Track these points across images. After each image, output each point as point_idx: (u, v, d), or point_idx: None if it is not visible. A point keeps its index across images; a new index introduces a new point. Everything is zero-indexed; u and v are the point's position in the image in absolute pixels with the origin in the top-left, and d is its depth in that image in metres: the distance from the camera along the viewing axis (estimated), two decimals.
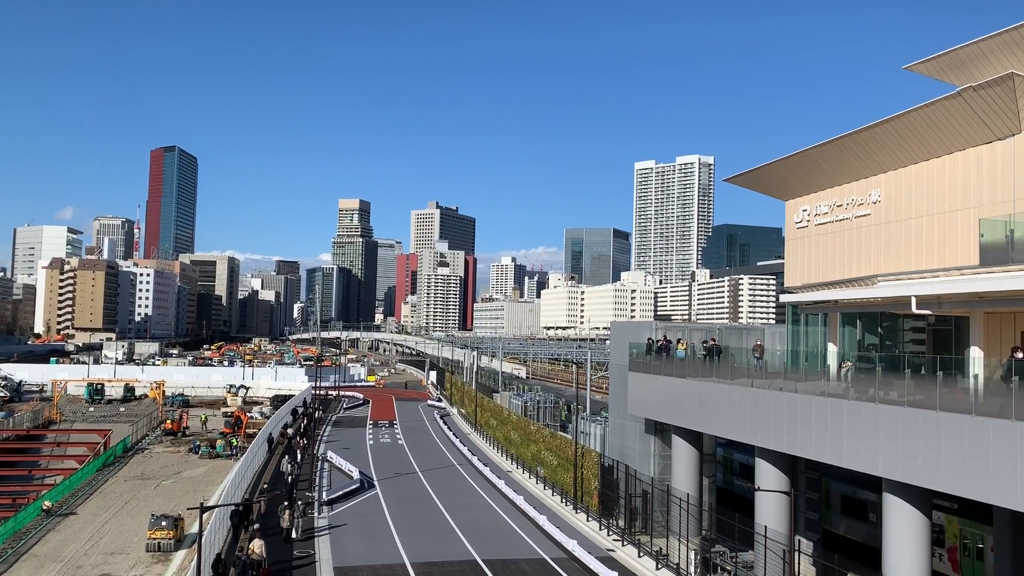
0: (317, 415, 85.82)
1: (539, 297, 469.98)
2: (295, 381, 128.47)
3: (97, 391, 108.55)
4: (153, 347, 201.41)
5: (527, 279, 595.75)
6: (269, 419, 78.32)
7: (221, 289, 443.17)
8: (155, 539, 39.55)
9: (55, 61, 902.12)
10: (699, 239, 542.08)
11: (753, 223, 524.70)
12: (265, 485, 51.56)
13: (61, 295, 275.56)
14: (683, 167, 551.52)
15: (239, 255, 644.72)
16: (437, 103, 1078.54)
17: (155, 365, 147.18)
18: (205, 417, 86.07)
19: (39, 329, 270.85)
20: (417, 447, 70.24)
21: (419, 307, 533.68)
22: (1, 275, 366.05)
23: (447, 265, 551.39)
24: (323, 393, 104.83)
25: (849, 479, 35.37)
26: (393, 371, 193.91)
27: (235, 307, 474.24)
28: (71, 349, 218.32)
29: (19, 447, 72.50)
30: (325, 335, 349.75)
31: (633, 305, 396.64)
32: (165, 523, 39.91)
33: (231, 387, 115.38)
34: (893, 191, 28.71)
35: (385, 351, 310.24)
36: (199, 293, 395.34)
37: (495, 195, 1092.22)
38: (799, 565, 27.41)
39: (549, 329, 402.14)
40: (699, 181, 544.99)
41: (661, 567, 33.85)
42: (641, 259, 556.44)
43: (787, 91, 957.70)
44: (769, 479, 29.64)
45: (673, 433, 36.93)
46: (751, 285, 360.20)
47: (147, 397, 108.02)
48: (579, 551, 35.85)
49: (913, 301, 25.18)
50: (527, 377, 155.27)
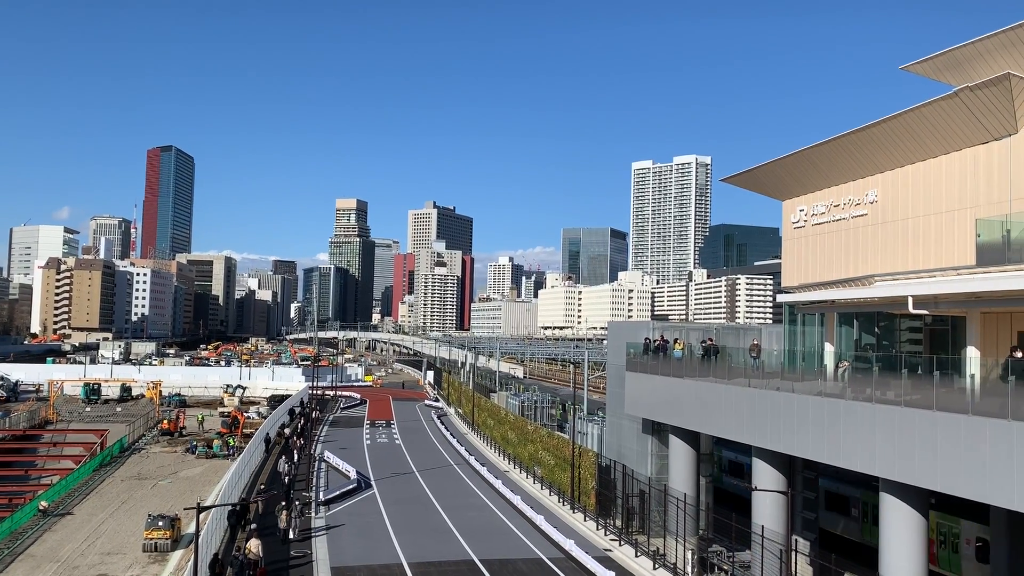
0: (314, 415, 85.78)
1: (536, 297, 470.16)
2: (292, 381, 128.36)
3: (94, 391, 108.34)
4: (150, 347, 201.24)
5: (524, 279, 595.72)
6: (266, 419, 78.24)
7: (218, 289, 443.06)
8: (152, 539, 39.49)
9: (52, 61, 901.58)
10: (696, 239, 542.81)
11: (750, 223, 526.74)
12: (262, 485, 51.50)
13: (57, 295, 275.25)
14: (680, 167, 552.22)
15: (236, 255, 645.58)
16: (434, 103, 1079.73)
17: (152, 365, 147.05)
18: (202, 417, 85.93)
19: (35, 329, 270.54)
20: (414, 447, 70.20)
21: (416, 307, 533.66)
22: None
23: (444, 265, 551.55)
24: (320, 393, 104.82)
25: (833, 475, 35.13)
26: (390, 371, 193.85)
27: (232, 307, 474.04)
28: (67, 349, 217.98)
29: (15, 447, 72.32)
30: (322, 335, 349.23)
31: (630, 305, 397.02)
32: (162, 523, 39.84)
33: (228, 387, 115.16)
34: (890, 191, 28.77)
35: (382, 351, 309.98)
36: (196, 293, 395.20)
37: (492, 195, 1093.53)
38: (796, 565, 27.43)
39: (546, 329, 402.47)
40: (696, 181, 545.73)
41: (658, 567, 33.85)
42: (638, 259, 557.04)
43: (784, 91, 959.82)
44: (766, 479, 29.69)
45: (670, 433, 36.98)
46: (748, 285, 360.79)
47: (144, 397, 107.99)
48: (576, 551, 35.85)
49: (910, 301, 25.22)
50: (524, 377, 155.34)
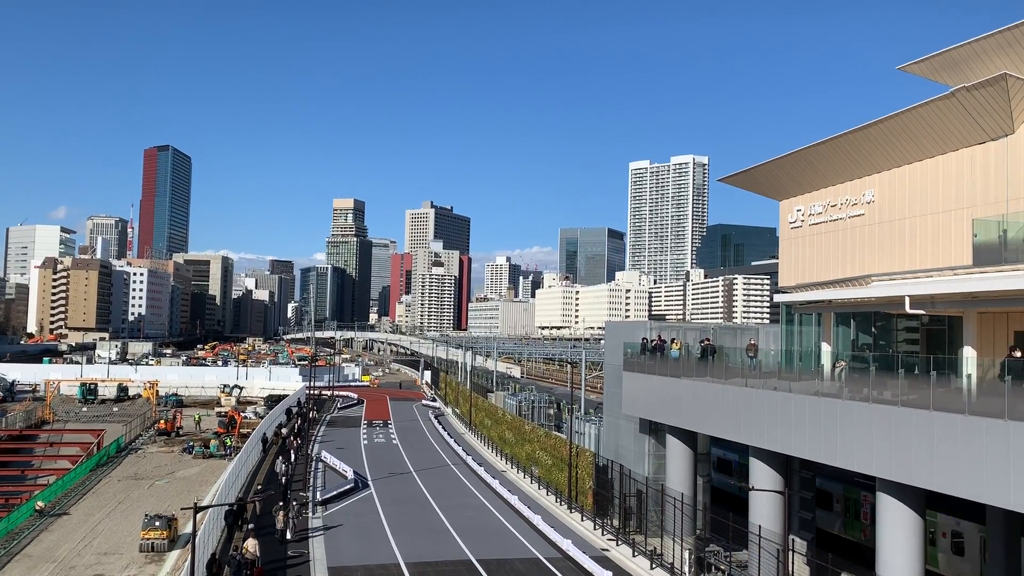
0: (311, 415, 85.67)
1: (534, 297, 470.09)
2: (289, 381, 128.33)
3: (90, 391, 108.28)
4: (147, 347, 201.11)
5: (522, 279, 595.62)
6: (263, 419, 78.19)
7: (215, 289, 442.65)
8: (149, 539, 39.47)
9: (49, 61, 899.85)
10: (693, 239, 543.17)
11: (747, 223, 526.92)
12: (259, 485, 51.44)
13: (54, 295, 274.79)
14: (678, 167, 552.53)
15: (233, 255, 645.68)
16: (432, 103, 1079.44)
17: (149, 365, 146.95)
18: (199, 417, 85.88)
19: (32, 329, 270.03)
20: (411, 447, 70.16)
21: (414, 307, 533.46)
22: None
23: (442, 265, 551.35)
24: (317, 393, 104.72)
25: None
26: (388, 371, 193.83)
27: (229, 307, 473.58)
28: (64, 349, 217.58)
29: (12, 447, 72.27)
30: (319, 335, 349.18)
31: (627, 305, 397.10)
32: (159, 523, 39.82)
33: (225, 387, 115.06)
34: (887, 191, 28.81)
35: (379, 351, 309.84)
36: (193, 293, 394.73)
37: (490, 195, 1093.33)
38: (793, 564, 27.46)
39: (544, 329, 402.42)
40: (693, 181, 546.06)
41: (655, 567, 33.87)
42: (636, 259, 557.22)
43: (782, 91, 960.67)
44: (763, 479, 29.70)
45: (668, 433, 36.98)
46: (745, 285, 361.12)
47: (140, 397, 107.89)
48: (573, 551, 35.84)
49: (907, 301, 25.25)
50: (521, 377, 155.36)
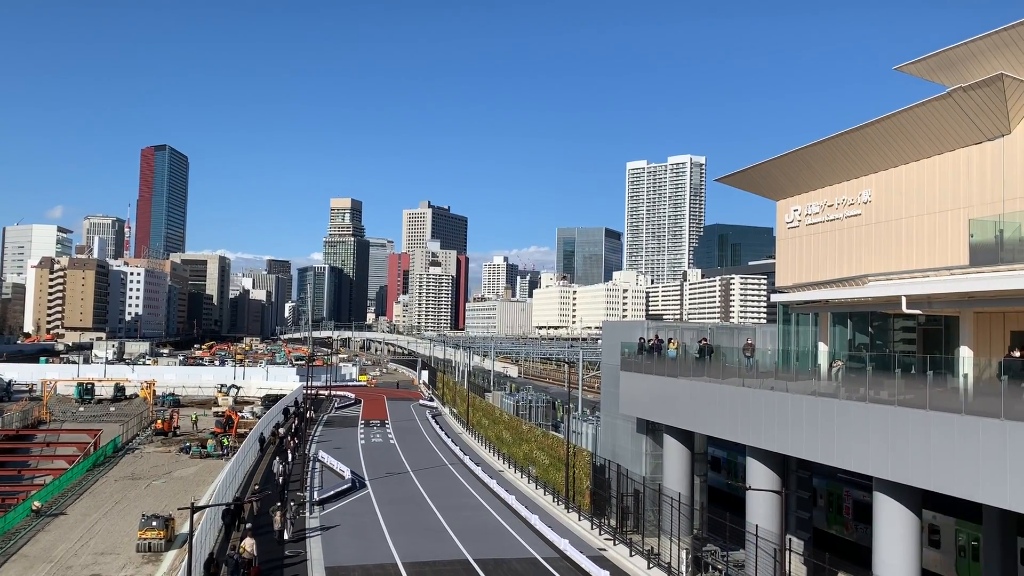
0: (308, 415, 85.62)
1: (531, 297, 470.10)
2: (286, 381, 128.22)
3: (87, 391, 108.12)
4: (143, 346, 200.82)
5: (519, 279, 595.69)
6: (260, 419, 78.11)
7: (212, 288, 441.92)
8: (145, 539, 39.43)
9: (45, 60, 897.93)
10: (691, 239, 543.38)
11: (744, 223, 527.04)
12: (256, 485, 51.40)
13: (51, 294, 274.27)
14: (675, 167, 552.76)
15: (230, 254, 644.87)
16: (429, 102, 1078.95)
17: (145, 365, 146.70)
18: (196, 417, 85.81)
19: (28, 328, 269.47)
20: (409, 447, 70.14)
21: (411, 307, 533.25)
22: None
23: (439, 264, 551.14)
24: (314, 393, 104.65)
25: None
26: (385, 371, 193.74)
27: (226, 306, 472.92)
28: (61, 349, 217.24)
29: (8, 447, 72.15)
30: (316, 334, 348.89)
31: (625, 305, 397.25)
32: (156, 523, 39.79)
33: (222, 387, 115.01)
34: (884, 191, 28.85)
35: (377, 351, 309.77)
36: (190, 292, 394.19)
37: (487, 194, 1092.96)
38: (790, 564, 27.50)
39: (541, 329, 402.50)
40: (691, 181, 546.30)
41: (653, 566, 33.91)
42: (633, 259, 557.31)
43: (778, 91, 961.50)
44: (760, 478, 29.74)
45: (665, 432, 37.01)
46: (742, 285, 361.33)
47: (137, 397, 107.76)
48: (571, 550, 35.86)
49: (903, 301, 25.29)
50: (519, 376, 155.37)
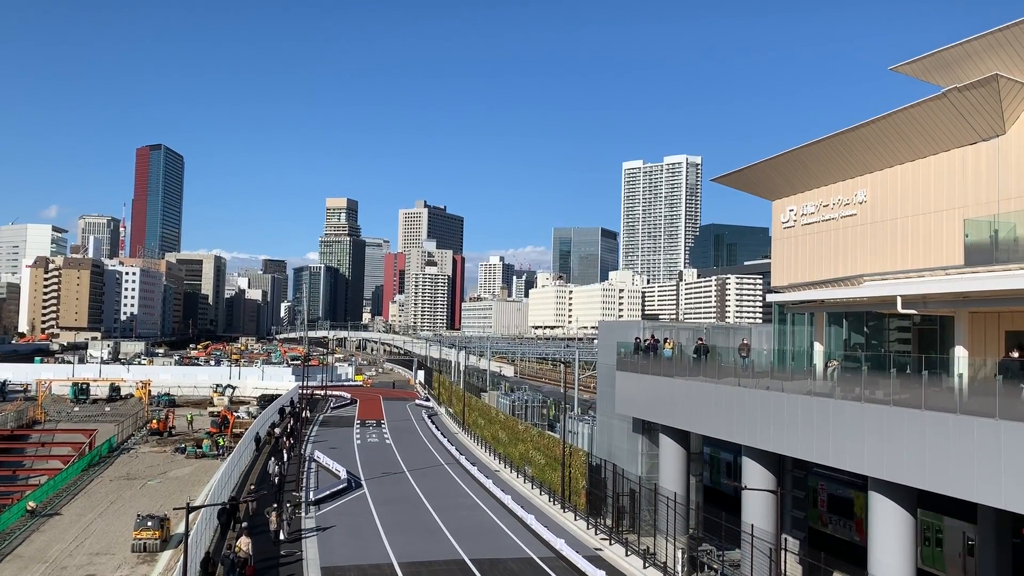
0: (304, 415, 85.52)
1: (527, 296, 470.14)
2: (282, 381, 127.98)
3: (82, 391, 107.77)
4: (139, 346, 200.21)
5: (515, 278, 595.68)
6: (256, 419, 77.98)
7: (207, 288, 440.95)
8: (141, 539, 39.35)
9: (42, 60, 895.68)
10: (686, 239, 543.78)
11: (740, 223, 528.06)
12: (252, 485, 51.33)
13: (46, 294, 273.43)
14: (671, 167, 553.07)
15: (226, 254, 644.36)
16: (425, 102, 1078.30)
17: (141, 364, 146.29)
18: (191, 417, 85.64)
19: (23, 328, 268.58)
20: (405, 447, 70.11)
21: (407, 306, 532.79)
22: None
23: (435, 264, 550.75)
24: (310, 393, 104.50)
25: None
26: (381, 370, 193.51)
27: (222, 306, 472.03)
28: (56, 348, 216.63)
29: (3, 447, 71.90)
30: (312, 334, 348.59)
31: (621, 304, 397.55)
32: (151, 523, 39.70)
33: (217, 387, 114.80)
34: (879, 191, 28.90)
35: (373, 350, 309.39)
36: (185, 292, 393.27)
37: (483, 194, 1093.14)
38: (785, 563, 27.53)
39: (537, 328, 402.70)
40: (686, 181, 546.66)
41: (648, 566, 33.91)
42: (629, 259, 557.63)
43: (775, 91, 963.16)
44: (756, 478, 29.77)
45: (661, 432, 37.03)
46: (738, 285, 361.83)
47: (133, 397, 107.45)
48: (567, 550, 35.87)
49: (899, 301, 25.33)
50: (515, 376, 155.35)
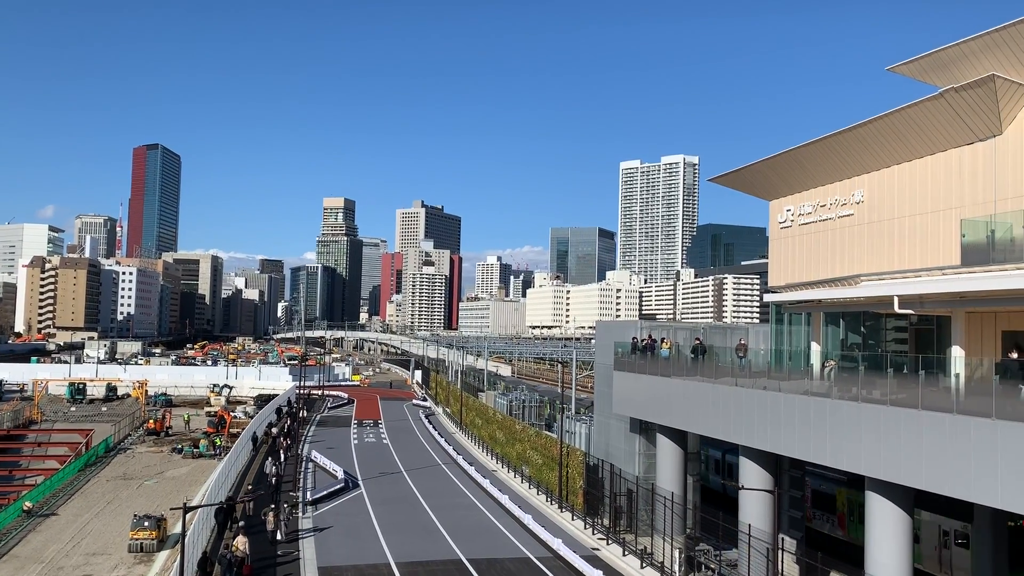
0: (301, 414, 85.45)
1: (524, 296, 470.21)
2: (279, 380, 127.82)
3: (79, 391, 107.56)
4: (136, 346, 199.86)
5: (513, 278, 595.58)
6: (253, 419, 77.90)
7: (204, 288, 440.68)
8: (137, 539, 39.23)
9: (38, 59, 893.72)
10: (684, 239, 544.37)
11: (737, 223, 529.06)
12: (249, 485, 51.28)
13: (42, 294, 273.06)
14: (668, 167, 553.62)
15: (223, 254, 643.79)
16: (423, 102, 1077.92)
17: (138, 364, 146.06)
18: (188, 417, 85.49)
19: (20, 328, 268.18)
20: (402, 446, 70.08)
21: (404, 306, 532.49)
22: None
23: (432, 264, 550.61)
24: (307, 392, 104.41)
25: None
26: (378, 370, 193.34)
27: (219, 306, 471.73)
28: (52, 348, 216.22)
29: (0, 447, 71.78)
30: (309, 334, 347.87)
31: (618, 304, 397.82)
32: (148, 523, 39.59)
33: (214, 386, 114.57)
34: (876, 191, 28.95)
35: (370, 350, 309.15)
36: (182, 292, 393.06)
37: (481, 194, 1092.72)
38: (783, 563, 27.56)
39: (534, 328, 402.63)
40: (684, 181, 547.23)
41: (646, 566, 33.92)
42: (626, 258, 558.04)
43: (772, 91, 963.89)
44: (753, 478, 29.81)
45: (658, 432, 37.06)
46: (735, 285, 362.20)
47: (129, 397, 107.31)
48: (564, 550, 35.87)
49: (895, 301, 25.37)
50: (512, 376, 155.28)
